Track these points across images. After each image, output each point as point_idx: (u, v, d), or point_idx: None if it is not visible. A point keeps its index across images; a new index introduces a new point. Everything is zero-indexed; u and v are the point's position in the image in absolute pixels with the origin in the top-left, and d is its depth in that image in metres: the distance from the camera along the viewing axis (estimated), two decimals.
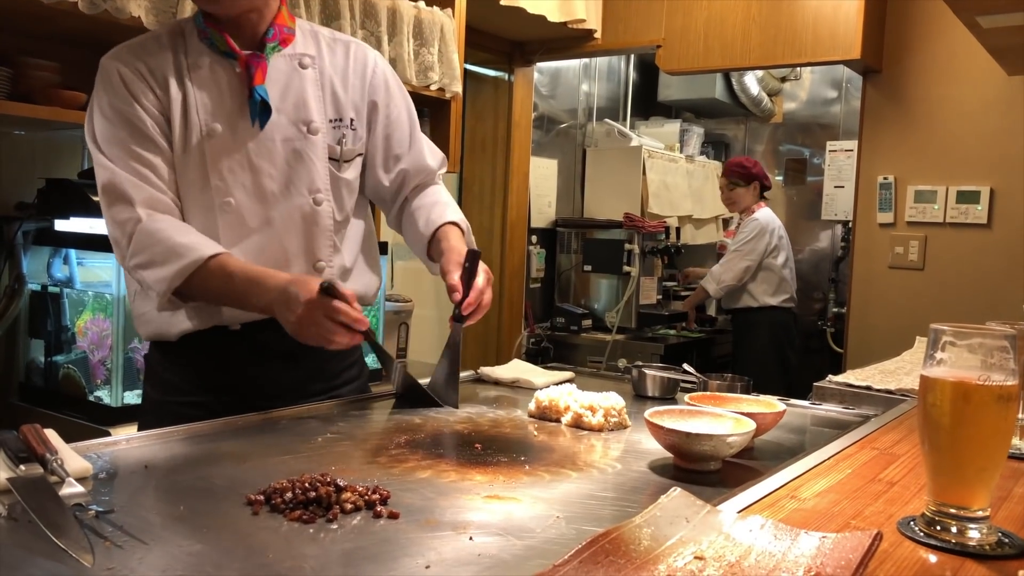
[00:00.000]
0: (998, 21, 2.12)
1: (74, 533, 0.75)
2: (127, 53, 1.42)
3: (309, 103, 1.47)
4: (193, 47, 1.43)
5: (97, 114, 1.40)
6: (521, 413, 1.40)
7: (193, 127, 1.40)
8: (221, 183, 1.41)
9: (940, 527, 0.80)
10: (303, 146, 1.47)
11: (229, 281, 1.31)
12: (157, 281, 1.32)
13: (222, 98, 1.42)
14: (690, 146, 5.16)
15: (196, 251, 1.31)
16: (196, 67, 1.42)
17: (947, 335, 0.80)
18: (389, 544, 0.79)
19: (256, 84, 1.41)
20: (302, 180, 1.46)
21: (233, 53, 1.41)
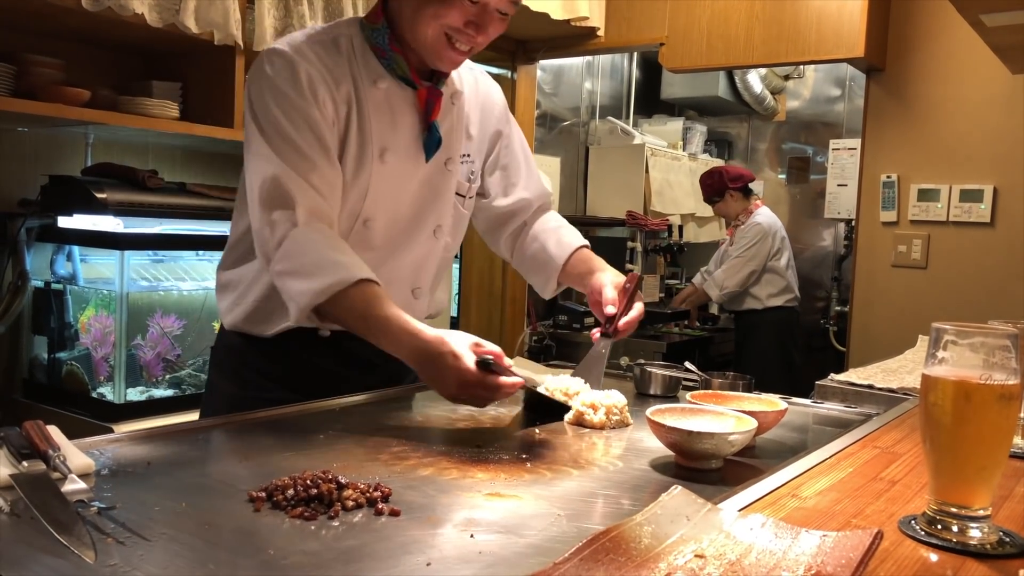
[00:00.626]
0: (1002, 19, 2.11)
1: (76, 529, 0.75)
2: (310, 52, 1.35)
3: (452, 140, 1.48)
4: (366, 62, 1.39)
5: (272, 105, 1.32)
6: (523, 411, 1.40)
7: (366, 149, 1.38)
8: (373, 205, 1.40)
9: (941, 526, 0.80)
10: (439, 180, 1.48)
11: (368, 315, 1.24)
12: (300, 293, 1.24)
13: (395, 125, 1.40)
14: (693, 144, 5.15)
15: (346, 271, 1.23)
16: (372, 86, 1.39)
17: (949, 334, 0.80)
18: (390, 541, 0.79)
19: (433, 119, 1.42)
20: (431, 213, 1.48)
21: (414, 84, 1.41)
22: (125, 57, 2.60)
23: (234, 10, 2.35)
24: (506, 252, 1.70)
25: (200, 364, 2.50)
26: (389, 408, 1.38)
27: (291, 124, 1.31)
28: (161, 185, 2.37)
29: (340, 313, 1.26)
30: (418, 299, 1.52)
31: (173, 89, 2.45)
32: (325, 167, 1.32)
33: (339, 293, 1.23)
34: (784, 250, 4.20)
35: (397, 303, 1.43)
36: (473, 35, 1.36)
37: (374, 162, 1.38)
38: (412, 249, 1.48)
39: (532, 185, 1.65)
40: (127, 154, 2.65)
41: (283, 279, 1.28)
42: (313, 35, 1.40)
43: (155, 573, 0.70)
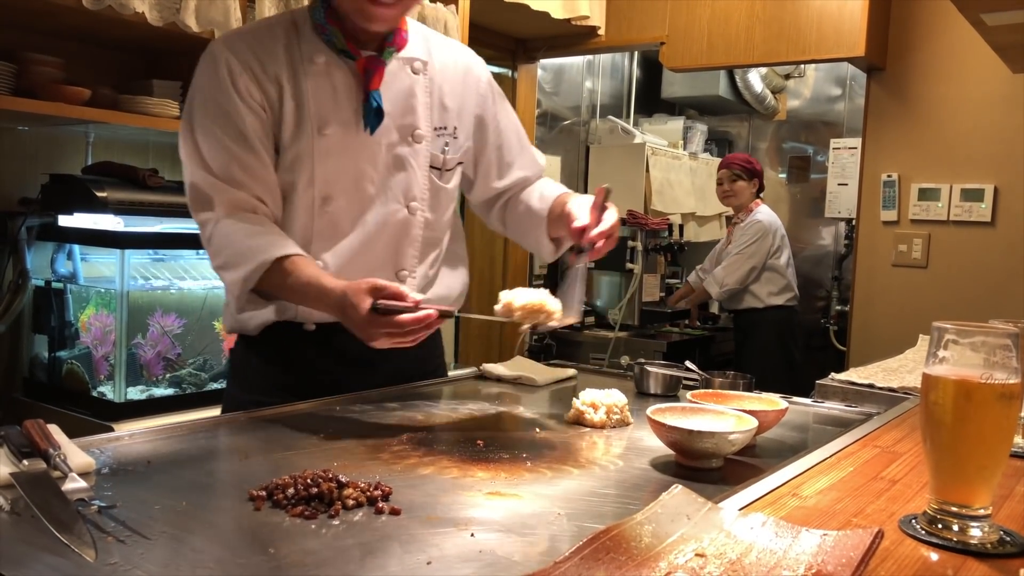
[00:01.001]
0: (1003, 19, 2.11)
1: (77, 528, 0.75)
2: (239, 41, 1.38)
3: (417, 110, 1.45)
4: (307, 40, 1.40)
5: (198, 102, 1.38)
6: (523, 410, 1.40)
7: (304, 125, 1.37)
8: (324, 184, 1.39)
9: (942, 525, 0.80)
10: (406, 153, 1.45)
11: (294, 286, 1.28)
12: (232, 284, 1.32)
13: (336, 99, 1.39)
14: (693, 143, 5.15)
15: (263, 253, 1.29)
16: (310, 63, 1.38)
17: (950, 333, 0.80)
18: (391, 540, 0.79)
19: (372, 88, 1.39)
20: (400, 187, 1.45)
21: (351, 54, 1.38)
22: (125, 56, 2.60)
23: (235, 9, 2.34)
24: (498, 224, 1.67)
25: (200, 363, 2.50)
26: (389, 407, 1.38)
27: (211, 119, 1.35)
28: (162, 184, 2.36)
29: (274, 291, 1.33)
30: (405, 282, 1.47)
31: (174, 88, 2.44)
32: (246, 157, 1.35)
33: (264, 275, 1.29)
34: (784, 248, 4.19)
35: None
36: None
37: (314, 137, 1.37)
38: (386, 228, 1.44)
39: (527, 162, 1.63)
40: (127, 153, 2.65)
41: (220, 274, 1.36)
42: (251, 24, 1.45)
43: (155, 572, 0.70)
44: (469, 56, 1.58)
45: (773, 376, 3.87)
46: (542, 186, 1.61)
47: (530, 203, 1.57)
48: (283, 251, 1.29)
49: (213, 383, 2.48)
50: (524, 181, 1.62)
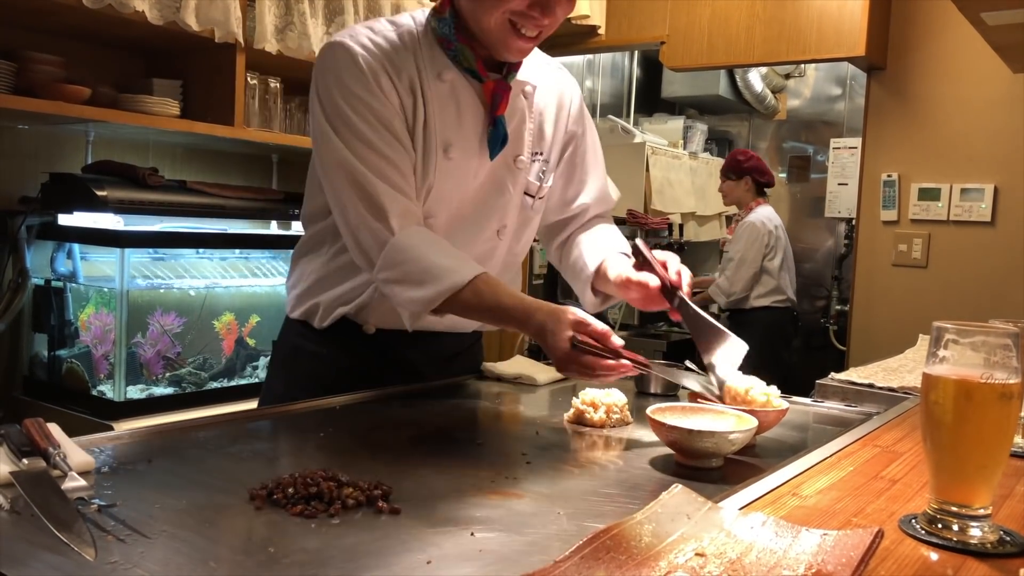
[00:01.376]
0: (1003, 18, 2.11)
1: (77, 527, 0.75)
2: (369, 41, 1.31)
3: (523, 135, 1.42)
4: (431, 54, 1.33)
5: (340, 101, 1.28)
6: (524, 409, 1.40)
7: (431, 141, 1.33)
8: (436, 201, 1.36)
9: (942, 525, 0.80)
10: (506, 178, 1.41)
11: (489, 306, 1.25)
12: (411, 301, 1.25)
13: (460, 118, 1.35)
14: (694, 143, 5.15)
15: (454, 275, 1.23)
16: (437, 79, 1.33)
17: (950, 333, 0.80)
18: (390, 539, 0.79)
19: (500, 114, 1.35)
20: (494, 211, 1.42)
21: (480, 76, 1.34)
22: (126, 55, 2.60)
23: (235, 8, 2.34)
24: (555, 260, 1.62)
25: (200, 362, 2.50)
26: (390, 406, 1.38)
27: (362, 120, 1.27)
28: (161, 183, 2.37)
29: (456, 311, 1.27)
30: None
31: (174, 87, 2.44)
32: (402, 161, 1.30)
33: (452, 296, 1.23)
34: (778, 250, 4.19)
35: None
36: (539, 18, 1.26)
37: (438, 158, 1.33)
38: (472, 248, 1.41)
39: (595, 191, 1.56)
40: (127, 152, 2.65)
41: (390, 287, 1.27)
42: (375, 27, 1.35)
43: (155, 571, 0.70)
44: (564, 77, 1.54)
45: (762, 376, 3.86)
46: (601, 235, 1.53)
47: (583, 251, 1.50)
48: (475, 271, 1.24)
49: (213, 382, 2.48)
50: (584, 210, 1.55)
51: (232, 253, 2.60)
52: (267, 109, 2.63)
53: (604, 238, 1.53)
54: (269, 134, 2.59)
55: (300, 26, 2.55)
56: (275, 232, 2.81)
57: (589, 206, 1.55)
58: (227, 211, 2.48)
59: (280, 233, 2.80)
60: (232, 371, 2.56)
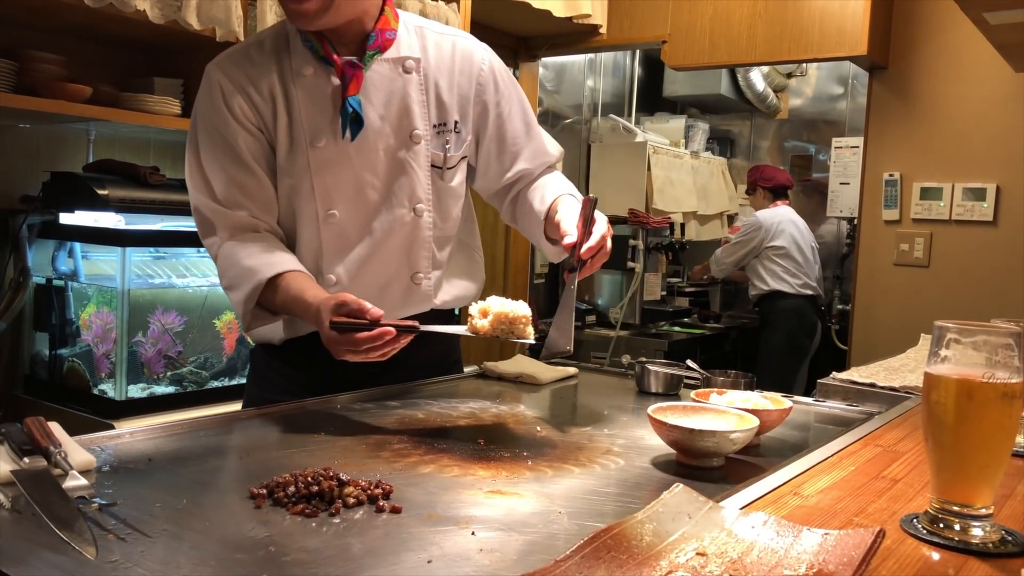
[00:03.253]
0: (1005, 17, 2.11)
1: (77, 526, 0.75)
2: (229, 63, 1.39)
3: (413, 110, 1.42)
4: (297, 52, 1.39)
5: (198, 127, 1.40)
6: (524, 408, 1.40)
7: (298, 138, 1.38)
8: (325, 195, 1.39)
9: (943, 524, 0.80)
10: (405, 156, 1.42)
11: (286, 302, 1.31)
12: (236, 304, 1.35)
13: (324, 108, 1.38)
14: (695, 142, 5.15)
15: (259, 274, 1.31)
16: (300, 75, 1.38)
17: (952, 332, 0.80)
18: (391, 538, 0.79)
19: (349, 94, 1.36)
20: (403, 191, 1.43)
21: (329, 61, 1.36)
22: (127, 53, 2.60)
23: (236, 6, 2.34)
24: (510, 220, 1.61)
25: (201, 361, 2.50)
26: (390, 405, 1.38)
27: (211, 143, 1.37)
28: (163, 182, 2.36)
29: (277, 309, 1.34)
30: (420, 285, 1.47)
31: (175, 85, 2.44)
32: (244, 179, 1.37)
33: (263, 295, 1.31)
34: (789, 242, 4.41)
35: (399, 292, 1.46)
36: None
37: (308, 151, 1.37)
38: (393, 234, 1.43)
39: (531, 153, 1.54)
40: (129, 150, 2.65)
41: (227, 295, 1.38)
42: (245, 41, 1.44)
43: (156, 569, 0.70)
44: (468, 43, 1.51)
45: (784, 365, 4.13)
46: (546, 183, 1.52)
47: (532, 203, 1.49)
48: (276, 269, 1.31)
49: (214, 381, 2.48)
50: (527, 173, 1.55)
51: None
52: None
53: (549, 185, 1.51)
54: None
55: None
56: None
57: (529, 170, 1.54)
58: None
59: None
60: (233, 370, 2.56)
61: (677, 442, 1.09)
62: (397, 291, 1.46)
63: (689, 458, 1.09)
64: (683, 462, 1.10)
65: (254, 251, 1.35)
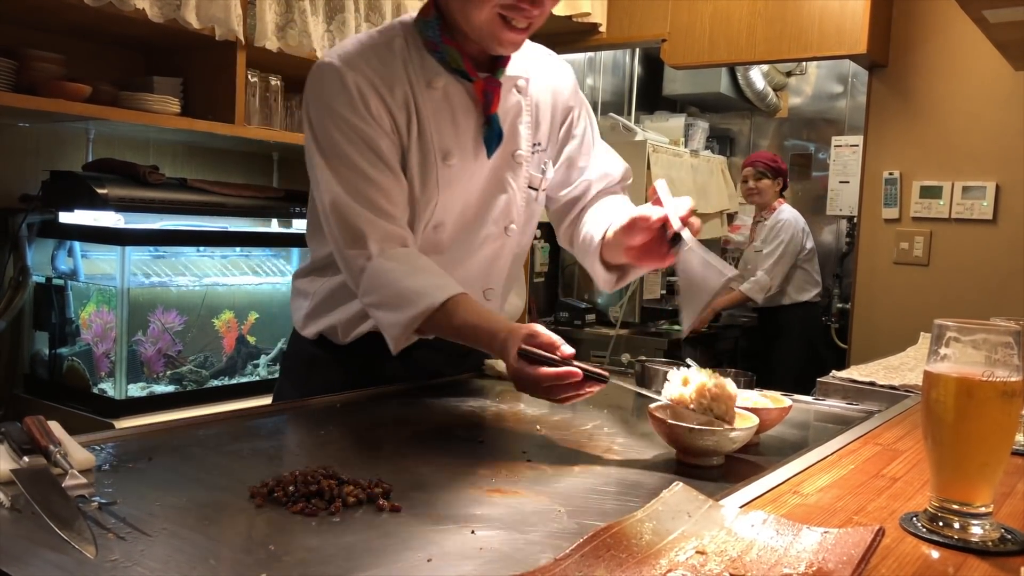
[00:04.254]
0: (1005, 16, 2.11)
1: (77, 525, 0.75)
2: (359, 59, 1.30)
3: (519, 130, 1.41)
4: (421, 62, 1.33)
5: (329, 125, 1.29)
6: (524, 407, 1.40)
7: (428, 152, 1.33)
8: (442, 209, 1.36)
9: (943, 523, 0.80)
10: (507, 175, 1.41)
11: (460, 328, 1.24)
12: (391, 326, 1.26)
13: (455, 122, 1.34)
14: (695, 141, 5.15)
15: (427, 298, 1.23)
16: (429, 86, 1.33)
17: (951, 331, 0.80)
18: (391, 537, 0.79)
19: (492, 112, 1.34)
20: (499, 209, 1.42)
21: (469, 76, 1.33)
22: (126, 52, 2.60)
23: (235, 5, 2.34)
24: (566, 243, 1.56)
25: (201, 360, 2.50)
26: (391, 404, 1.38)
27: (348, 143, 1.28)
28: (162, 181, 2.37)
29: (434, 331, 1.27)
30: (490, 300, 1.47)
31: (174, 84, 2.44)
32: (388, 183, 1.30)
33: (427, 319, 1.23)
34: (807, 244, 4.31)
35: None
36: (528, 9, 1.24)
37: (438, 167, 1.33)
38: (482, 249, 1.42)
39: (597, 166, 1.52)
40: (128, 150, 2.65)
41: (373, 311, 1.29)
42: (365, 41, 1.34)
43: (156, 568, 0.70)
44: (556, 62, 1.51)
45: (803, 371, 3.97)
46: (609, 205, 1.47)
47: (589, 225, 1.45)
48: (447, 293, 1.24)
49: (214, 380, 2.48)
50: (587, 186, 1.51)
51: (233, 251, 2.60)
52: (268, 107, 2.63)
53: (610, 207, 1.46)
54: (270, 132, 2.59)
55: (301, 24, 2.55)
56: (276, 230, 2.81)
57: (592, 182, 1.52)
58: (228, 209, 2.48)
59: (281, 231, 2.81)
60: (233, 369, 2.56)
61: (677, 440, 1.09)
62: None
63: (689, 457, 1.09)
64: (683, 461, 1.10)
65: (413, 270, 1.27)
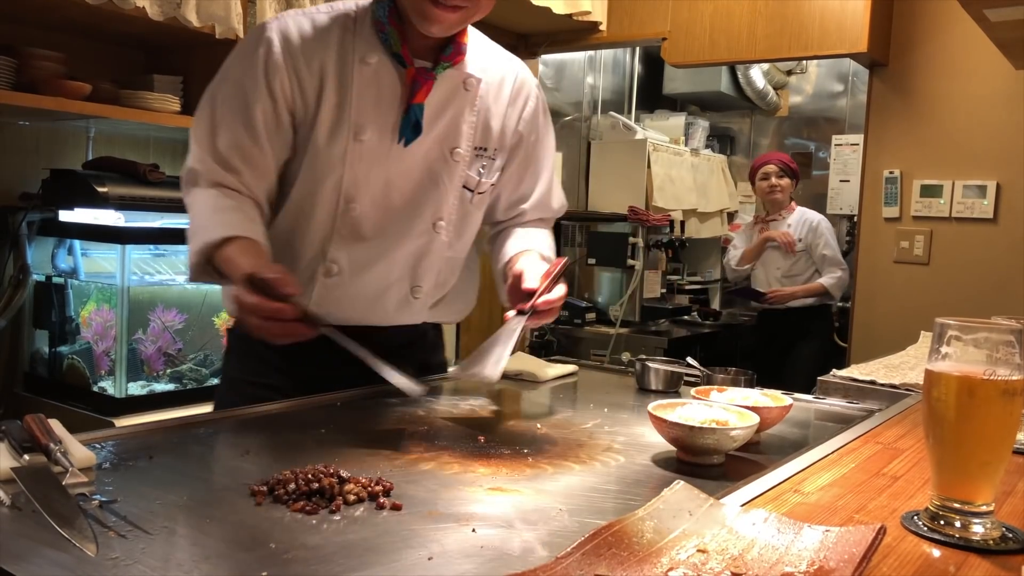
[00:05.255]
0: (1006, 15, 2.11)
1: (78, 523, 0.75)
2: (292, 23, 1.34)
3: (461, 128, 1.41)
4: (364, 36, 1.34)
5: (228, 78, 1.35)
6: (525, 406, 1.40)
7: (343, 125, 1.34)
8: (353, 187, 1.35)
9: (944, 522, 0.80)
10: (441, 170, 1.40)
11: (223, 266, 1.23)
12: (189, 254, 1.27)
13: (379, 103, 1.34)
14: (695, 139, 5.14)
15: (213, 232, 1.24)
16: (363, 62, 1.33)
17: (952, 329, 0.80)
18: (392, 536, 0.79)
19: (415, 101, 1.34)
20: (429, 204, 1.41)
21: (404, 61, 1.34)
22: (126, 51, 2.60)
23: (235, 4, 2.34)
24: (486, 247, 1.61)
25: (201, 358, 2.50)
26: (391, 402, 1.38)
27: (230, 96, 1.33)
28: (162, 179, 2.36)
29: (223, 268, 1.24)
30: (418, 298, 1.45)
31: (174, 83, 2.44)
32: (248, 142, 1.32)
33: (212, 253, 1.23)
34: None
35: (395, 300, 1.43)
36: None
37: (348, 140, 1.34)
38: (408, 242, 1.41)
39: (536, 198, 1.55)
40: (128, 148, 2.65)
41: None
42: (309, 11, 1.37)
43: (156, 566, 0.70)
44: (525, 74, 1.52)
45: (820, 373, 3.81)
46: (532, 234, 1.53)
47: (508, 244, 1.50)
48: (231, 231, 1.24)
49: (214, 378, 2.48)
50: (522, 216, 1.56)
51: None
52: None
53: (531, 236, 1.52)
54: None
55: None
56: None
57: (526, 211, 1.56)
58: None
59: None
60: None
61: (677, 439, 1.09)
62: (394, 298, 1.43)
63: (689, 455, 1.09)
64: (683, 459, 1.10)
65: (220, 206, 1.29)
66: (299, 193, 1.38)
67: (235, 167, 1.32)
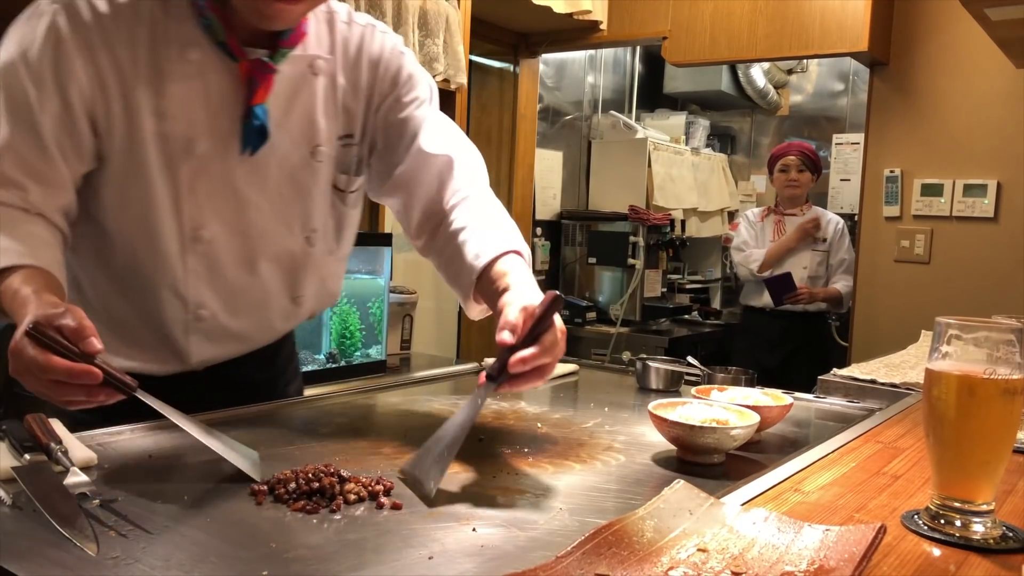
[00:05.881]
0: (1007, 13, 2.11)
1: (79, 522, 0.75)
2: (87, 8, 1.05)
3: (317, 121, 1.18)
4: (178, 23, 1.08)
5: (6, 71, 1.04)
6: (524, 405, 1.40)
7: (166, 137, 1.09)
8: (196, 210, 1.12)
9: (944, 521, 0.80)
10: (303, 176, 1.18)
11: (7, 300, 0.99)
12: None
13: (208, 107, 1.10)
14: (696, 138, 5.14)
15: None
16: (180, 59, 1.08)
17: (953, 328, 0.80)
18: (392, 535, 0.79)
19: (256, 103, 1.10)
20: (296, 216, 1.20)
21: (234, 55, 1.09)
22: None
23: None
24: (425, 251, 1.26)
25: None
26: (391, 402, 1.38)
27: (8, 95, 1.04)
28: None
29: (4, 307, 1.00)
30: (302, 306, 1.29)
31: None
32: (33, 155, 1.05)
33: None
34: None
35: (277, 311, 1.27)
36: None
37: (178, 156, 1.09)
38: (280, 259, 1.21)
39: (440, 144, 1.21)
40: None
41: None
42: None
43: (157, 565, 0.70)
44: (381, 38, 1.24)
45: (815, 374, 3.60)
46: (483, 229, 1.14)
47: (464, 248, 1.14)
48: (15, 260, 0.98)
49: None
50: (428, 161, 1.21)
51: None
52: None
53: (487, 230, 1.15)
54: None
55: None
56: None
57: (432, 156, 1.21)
58: None
59: None
60: None
61: (678, 438, 1.09)
62: (276, 309, 1.27)
63: (690, 454, 1.09)
64: (684, 458, 1.10)
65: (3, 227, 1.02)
66: (128, 223, 1.13)
67: (17, 182, 1.04)
